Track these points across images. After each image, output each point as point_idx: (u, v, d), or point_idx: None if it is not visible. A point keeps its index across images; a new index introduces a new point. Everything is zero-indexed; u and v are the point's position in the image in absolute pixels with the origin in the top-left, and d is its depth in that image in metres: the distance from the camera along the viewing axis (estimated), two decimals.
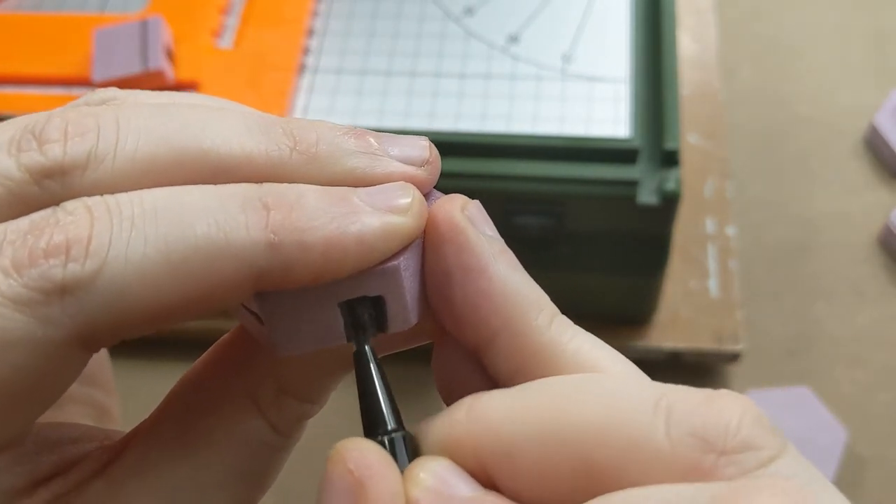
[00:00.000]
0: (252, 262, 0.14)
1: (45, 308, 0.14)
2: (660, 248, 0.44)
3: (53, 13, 0.45)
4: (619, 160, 0.40)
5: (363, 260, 0.15)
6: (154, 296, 0.14)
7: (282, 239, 0.15)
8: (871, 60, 0.60)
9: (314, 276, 0.15)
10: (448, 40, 0.44)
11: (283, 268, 0.15)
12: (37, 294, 0.13)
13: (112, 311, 0.14)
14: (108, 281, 0.14)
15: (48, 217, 0.14)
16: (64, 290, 0.14)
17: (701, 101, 0.55)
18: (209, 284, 0.14)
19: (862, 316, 0.51)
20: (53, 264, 0.14)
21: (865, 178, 0.56)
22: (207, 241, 0.14)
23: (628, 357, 0.18)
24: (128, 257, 0.14)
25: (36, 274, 0.13)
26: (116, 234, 0.14)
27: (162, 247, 0.14)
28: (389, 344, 0.18)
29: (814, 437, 0.45)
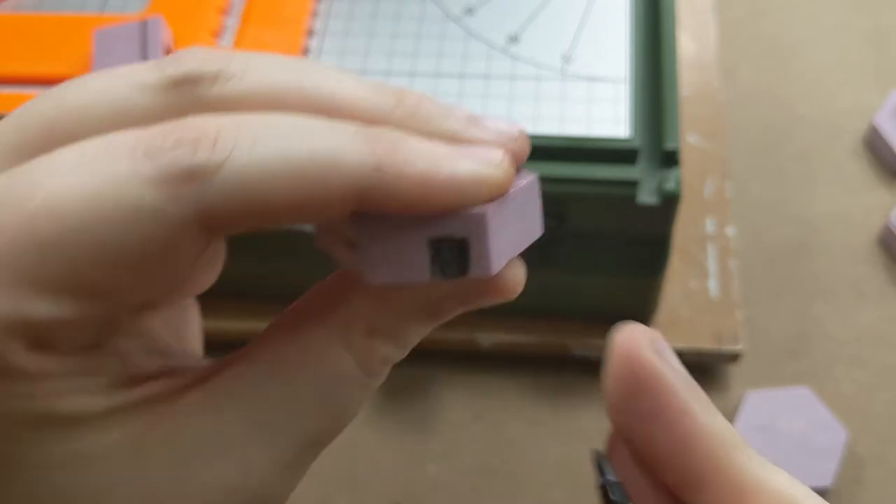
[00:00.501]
0: (357, 181, 0.16)
1: (173, 188, 0.15)
2: (660, 248, 0.44)
3: (53, 13, 0.45)
4: (618, 160, 0.40)
5: (453, 199, 0.17)
6: (269, 195, 0.16)
7: (385, 166, 0.16)
8: (871, 60, 0.61)
9: (408, 205, 0.17)
10: (448, 40, 0.44)
11: (382, 192, 0.16)
12: (167, 176, 0.15)
13: (231, 201, 0.16)
14: (230, 173, 0.16)
15: (180, 121, 0.16)
16: (191, 176, 0.15)
17: (701, 101, 0.55)
18: (318, 195, 0.16)
19: (862, 316, 0.51)
20: (183, 153, 0.15)
21: (865, 178, 0.56)
22: (322, 155, 0.16)
23: None
24: (250, 156, 0.16)
25: (167, 160, 0.15)
26: (241, 137, 0.16)
27: (280, 153, 0.16)
28: (457, 298, 0.19)
29: (814, 437, 0.45)
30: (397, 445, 0.48)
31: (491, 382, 0.49)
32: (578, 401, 0.48)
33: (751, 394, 0.47)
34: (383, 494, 0.46)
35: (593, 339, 0.47)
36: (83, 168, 0.16)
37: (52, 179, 0.16)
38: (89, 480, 0.17)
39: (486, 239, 0.17)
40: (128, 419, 0.17)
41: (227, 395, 0.18)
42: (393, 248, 0.17)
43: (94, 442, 0.17)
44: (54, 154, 0.16)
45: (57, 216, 0.15)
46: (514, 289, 0.20)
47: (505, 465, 0.47)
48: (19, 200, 0.16)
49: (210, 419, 0.18)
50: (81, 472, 0.17)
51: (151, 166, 0.15)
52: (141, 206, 0.15)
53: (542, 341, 0.48)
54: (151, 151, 0.16)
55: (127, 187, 0.15)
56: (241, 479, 0.18)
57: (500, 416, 0.48)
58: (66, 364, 0.17)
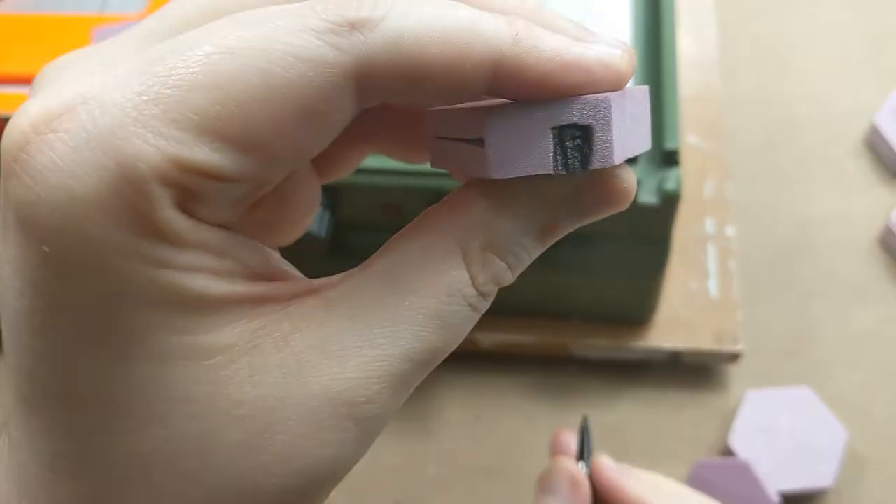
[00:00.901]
0: (497, 48, 0.17)
1: (336, 37, 0.16)
2: (660, 248, 0.44)
3: (53, 13, 0.45)
4: None
5: (581, 79, 0.18)
6: (421, 53, 0.17)
7: (522, 39, 0.17)
8: (871, 60, 0.60)
9: (539, 82, 0.18)
10: None
11: (517, 64, 0.17)
12: (331, 25, 0.16)
13: (386, 55, 0.17)
14: (388, 27, 0.16)
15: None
16: (353, 26, 0.16)
17: (701, 102, 0.55)
18: (464, 58, 0.17)
19: (862, 316, 0.51)
20: (346, 7, 0.16)
21: (865, 178, 0.56)
22: (468, 22, 0.17)
23: (629, 358, 0.18)
24: (406, 15, 0.17)
25: (332, 11, 0.16)
26: (399, 1, 0.17)
27: (433, 16, 0.17)
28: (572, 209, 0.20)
29: (814, 437, 0.45)
30: (397, 445, 0.48)
31: (491, 382, 0.49)
32: (578, 401, 0.48)
33: (751, 394, 0.47)
34: (383, 494, 0.46)
35: (593, 339, 0.47)
36: (252, 22, 0.16)
37: (221, 32, 0.16)
38: (203, 380, 0.17)
39: (609, 125, 0.18)
40: (246, 314, 0.17)
41: (346, 303, 0.18)
42: (519, 139, 0.18)
43: (214, 333, 0.17)
44: (222, 19, 0.17)
45: (227, 59, 0.16)
46: (629, 193, 0.20)
47: (505, 465, 0.47)
48: (192, 47, 0.16)
49: (326, 327, 0.18)
50: (198, 369, 0.17)
51: (317, 18, 0.16)
52: (306, 53, 0.16)
53: (542, 341, 0.48)
54: (317, 8, 0.16)
55: (294, 35, 0.16)
56: (348, 392, 0.17)
57: (500, 416, 0.48)
58: (202, 235, 0.17)
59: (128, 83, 0.16)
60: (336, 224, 0.42)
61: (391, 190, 0.41)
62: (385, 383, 0.18)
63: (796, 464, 0.44)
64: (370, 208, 0.42)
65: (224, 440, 0.17)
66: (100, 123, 0.15)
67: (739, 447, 0.45)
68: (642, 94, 0.20)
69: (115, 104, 0.15)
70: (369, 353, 0.18)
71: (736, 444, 0.45)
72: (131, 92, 0.16)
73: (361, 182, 0.40)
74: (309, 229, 0.40)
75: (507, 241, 0.19)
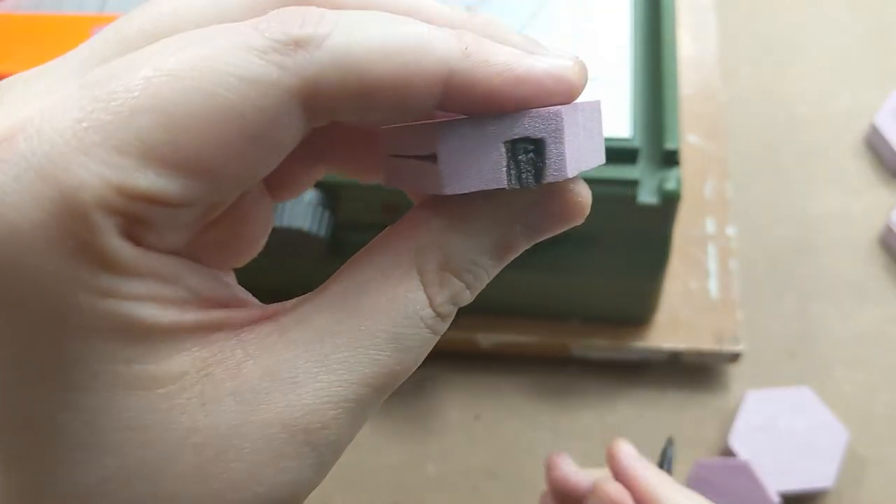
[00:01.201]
0: (446, 63, 0.17)
1: (280, 56, 0.16)
2: (660, 248, 0.44)
3: (52, 13, 0.45)
4: (619, 160, 0.40)
5: (531, 93, 0.18)
6: (368, 70, 0.16)
7: (472, 53, 0.17)
8: (871, 60, 0.60)
9: (489, 95, 0.18)
10: None
11: (467, 79, 0.17)
12: (275, 44, 0.16)
13: (332, 74, 0.16)
14: (334, 44, 0.16)
15: (285, 7, 0.17)
16: (298, 44, 0.16)
17: (701, 101, 0.55)
18: (412, 75, 0.17)
19: (862, 316, 0.51)
20: (290, 26, 0.16)
21: (865, 178, 0.56)
22: (417, 38, 0.17)
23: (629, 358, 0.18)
24: (353, 32, 0.17)
25: (275, 29, 0.16)
26: (344, 18, 0.17)
27: (380, 33, 0.17)
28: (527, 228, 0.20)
29: (815, 437, 0.45)
30: (397, 445, 0.48)
31: (491, 382, 0.49)
32: (578, 401, 0.48)
33: (751, 394, 0.47)
34: (383, 494, 0.46)
35: (593, 339, 0.47)
36: (192, 43, 0.16)
37: (162, 54, 0.16)
38: (155, 408, 0.16)
39: (561, 138, 0.18)
40: (197, 342, 0.17)
41: (301, 328, 0.18)
42: (471, 153, 0.18)
43: (164, 362, 0.17)
44: (162, 40, 0.17)
45: (168, 82, 0.16)
46: (584, 207, 0.20)
47: (505, 465, 0.47)
48: (131, 70, 0.16)
49: (280, 353, 0.17)
50: (149, 397, 0.16)
51: (260, 36, 0.16)
52: (249, 73, 0.16)
53: (542, 341, 0.48)
54: (260, 27, 0.16)
55: (236, 55, 0.16)
56: (304, 419, 0.17)
57: (500, 416, 0.48)
58: (150, 263, 0.16)
59: (67, 110, 0.15)
60: (336, 224, 0.42)
61: (391, 190, 0.41)
62: (342, 409, 0.18)
63: (796, 464, 0.44)
64: (370, 208, 0.42)
65: (177, 467, 0.17)
66: (39, 152, 0.15)
67: (739, 447, 0.45)
68: (595, 108, 0.20)
69: (55, 131, 0.15)
70: (325, 379, 0.17)
71: (736, 444, 0.45)
72: (71, 119, 0.15)
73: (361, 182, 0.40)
74: (309, 229, 0.40)
75: (463, 259, 0.19)
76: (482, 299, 0.21)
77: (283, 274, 0.46)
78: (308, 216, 0.40)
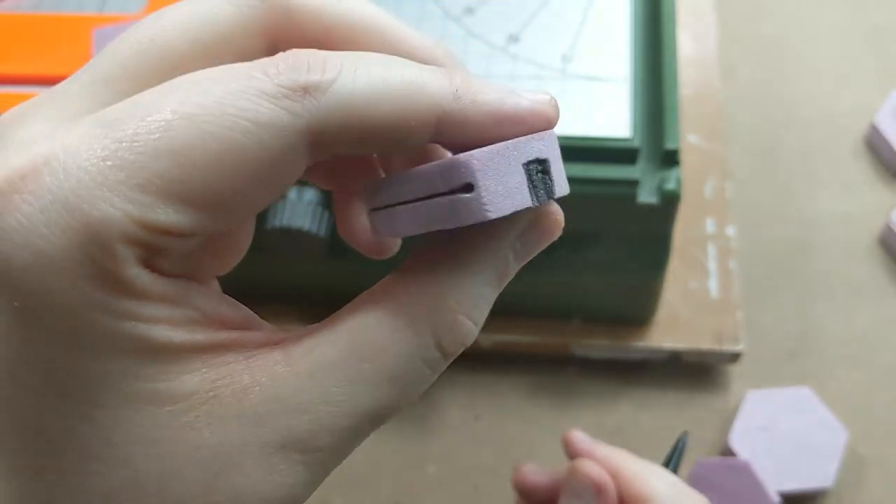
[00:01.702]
0: (440, 103, 0.19)
1: (289, 101, 0.17)
2: (660, 248, 0.44)
3: (52, 13, 0.45)
4: (619, 160, 0.40)
5: (516, 127, 0.20)
6: (370, 112, 0.18)
7: (463, 93, 0.19)
8: (871, 60, 0.60)
9: (479, 130, 0.19)
10: (448, 40, 0.44)
11: (459, 116, 0.19)
12: (285, 90, 0.17)
13: (338, 116, 0.18)
14: (339, 90, 0.18)
15: (290, 51, 0.18)
16: (306, 90, 0.17)
17: (701, 101, 0.55)
18: (409, 115, 0.18)
19: (862, 316, 0.51)
20: (298, 72, 0.18)
21: (865, 178, 0.56)
22: (412, 80, 0.19)
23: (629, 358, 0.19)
24: (356, 77, 0.18)
25: (285, 77, 0.17)
26: (347, 62, 0.18)
27: (380, 77, 0.18)
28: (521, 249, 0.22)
29: (814, 437, 0.45)
30: (397, 445, 0.48)
31: (491, 382, 0.49)
32: (578, 401, 0.48)
33: (751, 394, 0.47)
34: (383, 494, 0.46)
35: (593, 339, 0.47)
36: (206, 87, 0.17)
37: (177, 95, 0.17)
38: (165, 424, 0.18)
39: (559, 157, 0.20)
40: (207, 362, 0.18)
41: (307, 361, 0.19)
42: (501, 178, 0.19)
43: (175, 381, 0.18)
44: (173, 80, 0.18)
45: (188, 124, 0.17)
46: (562, 222, 0.22)
47: (505, 465, 0.47)
48: (150, 111, 0.17)
49: (286, 382, 0.18)
50: (160, 413, 0.17)
51: (270, 82, 0.17)
52: (261, 118, 0.17)
53: (542, 341, 0.48)
54: (269, 73, 0.17)
55: (249, 100, 0.17)
56: (302, 442, 0.19)
57: (500, 416, 0.48)
58: (163, 287, 0.18)
59: (91, 148, 0.17)
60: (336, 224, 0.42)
61: None
62: (338, 436, 0.19)
63: (796, 464, 0.44)
64: None
65: (183, 481, 0.18)
66: (66, 186, 0.16)
67: (739, 447, 0.45)
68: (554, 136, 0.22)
69: (80, 168, 0.16)
70: (325, 410, 0.19)
71: (736, 444, 0.45)
72: (96, 157, 0.16)
73: None
74: (309, 229, 0.40)
75: (473, 299, 0.20)
76: None
77: (284, 274, 0.46)
78: (308, 216, 0.40)
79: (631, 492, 0.36)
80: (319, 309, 0.53)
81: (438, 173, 0.19)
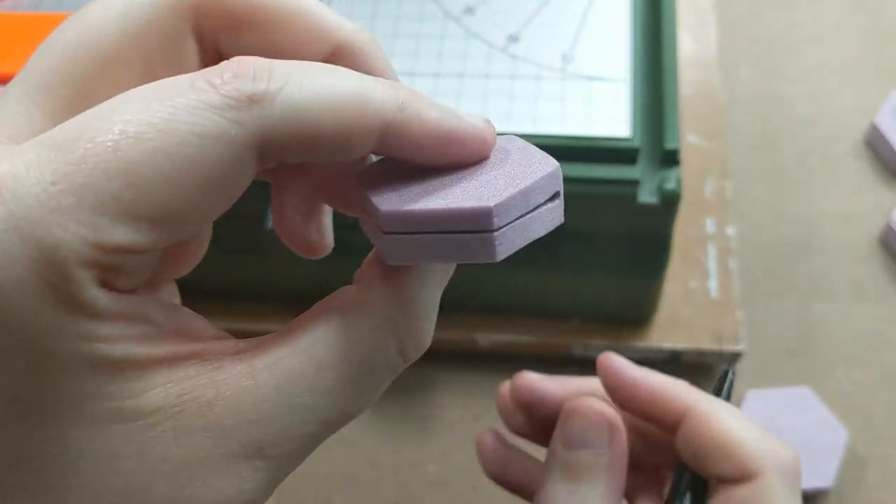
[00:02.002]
0: (384, 115, 0.19)
1: (236, 112, 0.17)
2: (660, 248, 0.44)
3: (52, 13, 0.45)
4: (619, 160, 0.40)
5: (455, 146, 0.20)
6: (317, 121, 0.18)
7: (408, 107, 0.20)
8: (871, 60, 0.60)
9: (420, 146, 0.20)
10: (448, 40, 0.44)
11: (403, 129, 0.20)
12: (231, 101, 0.17)
13: (285, 125, 0.18)
14: (285, 99, 0.18)
15: (235, 59, 0.18)
16: (252, 100, 0.18)
17: (701, 101, 0.55)
18: (355, 124, 0.19)
19: (862, 316, 0.51)
20: (244, 82, 0.18)
21: (865, 178, 0.56)
22: (359, 91, 0.19)
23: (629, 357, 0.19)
24: (302, 86, 0.18)
25: (230, 87, 0.17)
26: (294, 71, 0.18)
27: (326, 86, 0.18)
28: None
29: (814, 437, 0.45)
30: (397, 445, 0.48)
31: (491, 382, 0.49)
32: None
33: (751, 394, 0.47)
34: (383, 494, 0.46)
35: (593, 339, 0.47)
36: (153, 102, 0.17)
37: (123, 115, 0.17)
38: (130, 440, 0.18)
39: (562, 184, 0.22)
40: (170, 376, 0.18)
41: (270, 373, 0.19)
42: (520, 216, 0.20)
43: (140, 397, 0.18)
44: (118, 97, 0.18)
45: (137, 143, 0.17)
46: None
47: None
48: (97, 132, 0.17)
49: (250, 395, 0.19)
50: (126, 430, 0.18)
51: (216, 94, 0.17)
52: (209, 131, 0.17)
53: (542, 341, 0.48)
54: (214, 83, 0.17)
55: (196, 114, 0.17)
56: (265, 449, 0.19)
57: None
58: (122, 305, 0.18)
59: (40, 173, 0.16)
60: (336, 224, 0.41)
61: None
62: (300, 443, 0.20)
63: None
64: None
65: (151, 494, 0.18)
66: (17, 214, 0.16)
67: None
68: None
69: (31, 195, 0.16)
70: (288, 418, 0.19)
71: None
72: (45, 182, 0.16)
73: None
74: None
75: (429, 304, 0.21)
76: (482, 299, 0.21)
77: (284, 274, 0.46)
78: None
79: (706, 434, 0.29)
80: None
81: (468, 217, 0.20)
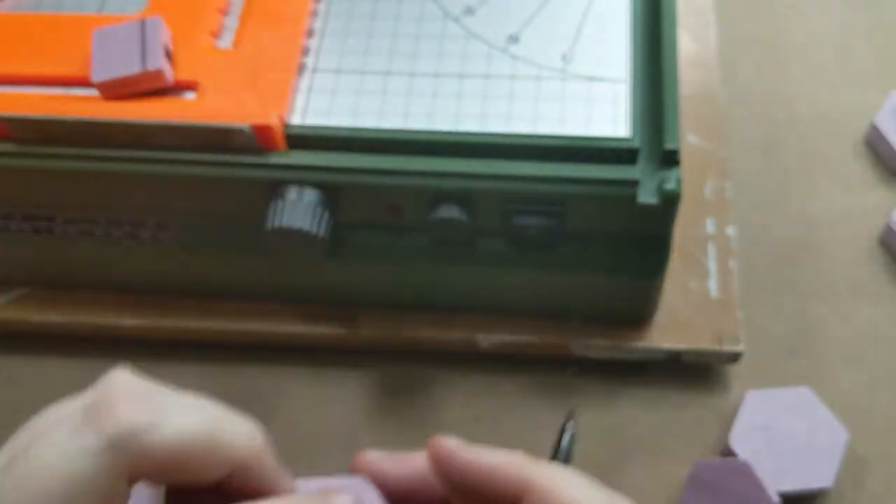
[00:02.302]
0: (239, 455, 0.24)
1: (109, 456, 0.22)
2: (660, 248, 0.44)
3: (52, 13, 0.45)
4: (619, 160, 0.40)
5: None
6: (176, 457, 0.22)
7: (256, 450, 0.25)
8: (871, 60, 0.60)
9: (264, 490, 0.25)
10: (447, 40, 0.44)
11: (254, 470, 0.25)
12: (103, 444, 0.22)
13: (151, 459, 0.22)
14: (151, 439, 0.22)
15: (105, 396, 0.23)
16: (124, 440, 0.22)
17: (701, 101, 0.55)
18: (206, 458, 0.23)
19: (862, 316, 0.51)
20: (117, 421, 0.22)
21: (866, 178, 0.56)
22: (211, 430, 0.23)
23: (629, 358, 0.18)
24: (164, 426, 0.22)
25: (104, 429, 0.22)
26: (157, 413, 0.23)
27: (183, 428, 0.23)
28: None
29: (814, 437, 0.45)
30: (397, 446, 0.48)
31: (491, 382, 0.49)
32: (578, 401, 0.48)
33: (751, 394, 0.47)
34: None
35: (593, 339, 0.47)
36: (40, 452, 0.21)
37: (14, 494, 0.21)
38: None
39: None
40: None
41: None
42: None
43: None
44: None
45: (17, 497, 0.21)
46: None
47: None
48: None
49: None
50: None
51: (92, 436, 0.21)
52: (85, 474, 0.21)
53: (542, 341, 0.48)
54: (91, 423, 0.22)
55: (74, 461, 0.21)
56: None
57: (500, 416, 0.48)
58: None
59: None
60: (336, 224, 0.42)
61: (391, 190, 0.41)
62: None
63: (796, 464, 0.44)
64: (370, 208, 0.42)
65: None
66: None
67: (739, 447, 0.45)
68: None
69: None
70: None
71: (736, 444, 0.45)
72: None
73: (361, 182, 0.40)
74: (309, 229, 0.40)
75: None
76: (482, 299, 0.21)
77: (284, 274, 0.46)
78: (308, 216, 0.40)
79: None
80: (320, 309, 0.53)
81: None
